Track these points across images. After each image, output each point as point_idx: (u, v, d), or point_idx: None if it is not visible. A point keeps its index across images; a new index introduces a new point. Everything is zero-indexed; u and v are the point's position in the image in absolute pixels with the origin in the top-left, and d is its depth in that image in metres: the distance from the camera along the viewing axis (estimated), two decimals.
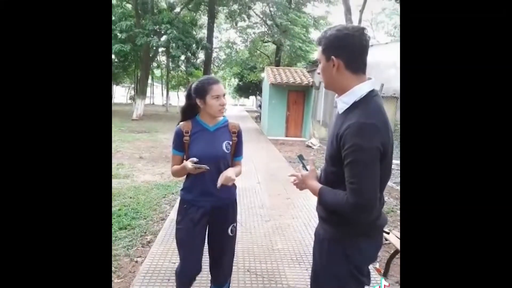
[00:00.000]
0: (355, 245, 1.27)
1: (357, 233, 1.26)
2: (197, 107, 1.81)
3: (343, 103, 1.25)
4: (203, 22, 23.15)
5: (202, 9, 21.11)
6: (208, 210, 1.82)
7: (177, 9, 19.60)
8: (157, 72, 35.48)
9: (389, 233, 2.71)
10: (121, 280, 2.57)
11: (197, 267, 1.90)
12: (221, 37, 29.80)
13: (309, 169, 1.43)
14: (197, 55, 21.23)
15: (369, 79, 1.24)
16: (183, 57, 19.77)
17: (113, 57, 19.25)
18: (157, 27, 16.24)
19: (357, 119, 1.14)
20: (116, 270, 2.69)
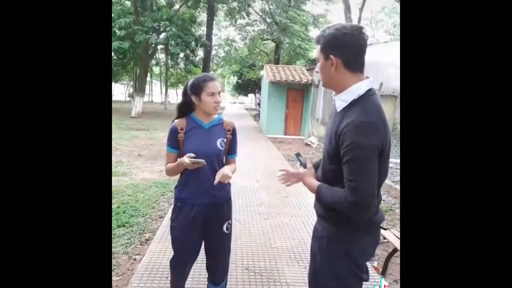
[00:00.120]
0: (354, 242, 1.28)
1: (355, 230, 1.27)
2: (192, 104, 1.81)
3: (341, 101, 1.26)
4: (202, 19, 23.10)
5: (201, 6, 21.03)
6: (202, 207, 1.82)
7: (176, 6, 19.55)
8: (156, 69, 35.48)
9: (386, 229, 2.72)
10: (120, 277, 2.57)
11: (193, 257, 1.91)
12: (220, 34, 29.83)
13: (307, 167, 1.43)
14: (196, 52, 21.21)
15: (367, 78, 1.25)
16: (182, 55, 19.72)
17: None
18: (156, 24, 16.18)
19: (356, 117, 1.15)
20: (114, 267, 2.69)
